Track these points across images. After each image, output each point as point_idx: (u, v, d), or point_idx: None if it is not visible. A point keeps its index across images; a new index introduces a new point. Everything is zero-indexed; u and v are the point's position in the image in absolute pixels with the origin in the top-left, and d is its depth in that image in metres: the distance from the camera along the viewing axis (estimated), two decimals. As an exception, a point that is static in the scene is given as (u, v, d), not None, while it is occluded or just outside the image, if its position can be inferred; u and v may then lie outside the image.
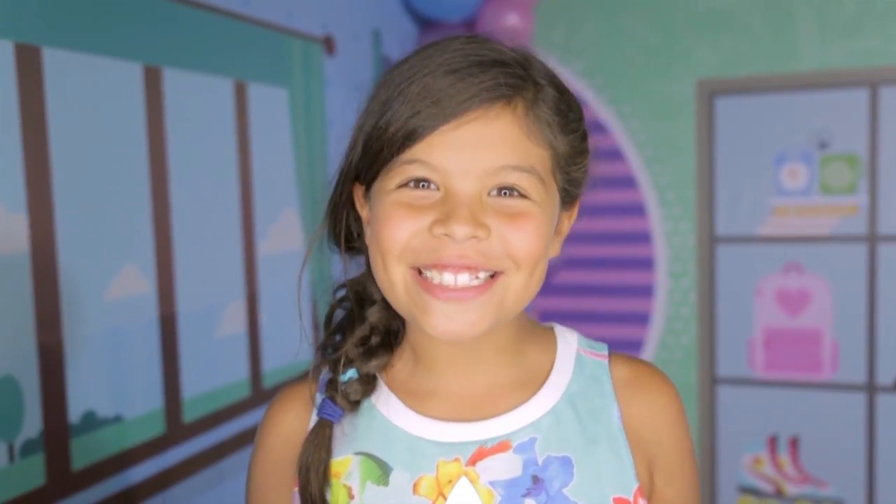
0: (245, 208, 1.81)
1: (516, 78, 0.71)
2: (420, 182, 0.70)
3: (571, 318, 3.04)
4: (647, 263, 2.95)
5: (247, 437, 1.77)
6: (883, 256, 2.68)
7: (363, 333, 0.80)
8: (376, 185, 0.74)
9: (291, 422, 0.81)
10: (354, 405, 0.78)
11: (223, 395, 1.71)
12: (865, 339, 2.71)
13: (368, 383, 0.79)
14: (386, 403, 0.78)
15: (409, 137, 0.69)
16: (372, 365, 0.79)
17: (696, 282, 2.89)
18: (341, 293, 0.83)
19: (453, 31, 2.68)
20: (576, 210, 0.81)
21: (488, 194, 0.70)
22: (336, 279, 0.83)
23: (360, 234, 0.80)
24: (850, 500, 2.76)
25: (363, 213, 0.79)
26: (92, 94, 1.40)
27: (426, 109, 0.69)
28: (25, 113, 1.27)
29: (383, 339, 0.81)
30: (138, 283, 1.49)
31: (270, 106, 1.92)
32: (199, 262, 1.65)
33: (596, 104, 2.95)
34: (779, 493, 2.84)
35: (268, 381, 1.86)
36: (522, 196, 0.71)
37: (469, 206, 0.69)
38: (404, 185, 0.71)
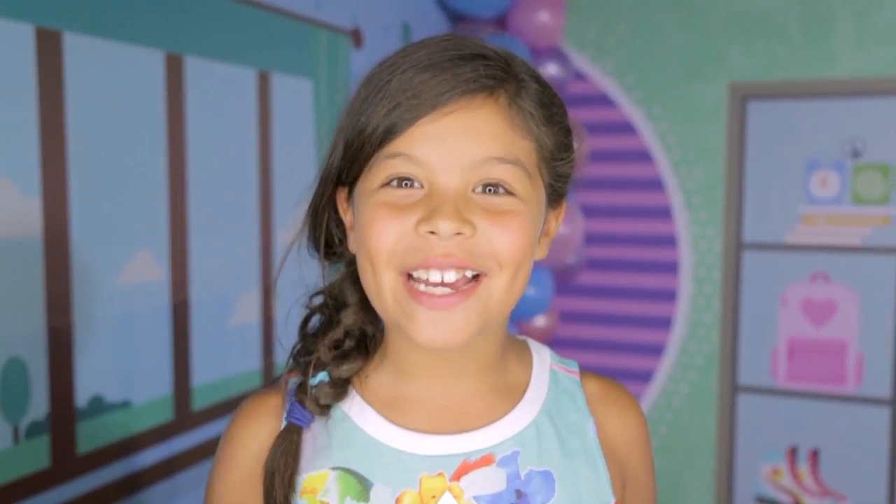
0: (264, 198, 1.81)
1: (498, 70, 0.70)
2: (403, 181, 0.69)
3: (594, 320, 3.02)
4: (671, 267, 2.91)
5: (257, 427, 1.77)
6: (914, 269, 2.62)
7: (337, 337, 0.77)
8: (359, 186, 0.72)
9: (260, 434, 0.76)
10: (324, 409, 0.75)
11: (234, 385, 1.72)
12: (892, 352, 2.66)
13: (339, 387, 0.76)
14: (362, 415, 0.75)
15: (391, 131, 0.68)
16: (344, 369, 0.76)
17: (720, 288, 2.85)
18: (318, 300, 0.80)
19: (485, 27, 2.67)
20: (563, 210, 0.79)
21: (473, 190, 0.69)
22: (318, 284, 0.81)
23: (342, 240, 0.78)
24: (869, 516, 2.71)
25: (346, 217, 0.77)
26: (112, 80, 1.41)
27: (406, 101, 0.68)
28: (44, 97, 1.28)
29: (358, 343, 0.78)
30: (152, 269, 1.50)
31: (294, 97, 1.92)
32: (214, 250, 1.66)
33: (626, 104, 2.92)
34: (797, 506, 2.80)
35: (280, 372, 1.86)
36: (508, 193, 0.69)
37: (454, 202, 0.67)
38: (387, 183, 0.69)
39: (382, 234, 0.69)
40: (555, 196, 0.76)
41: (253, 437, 0.77)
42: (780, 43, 2.72)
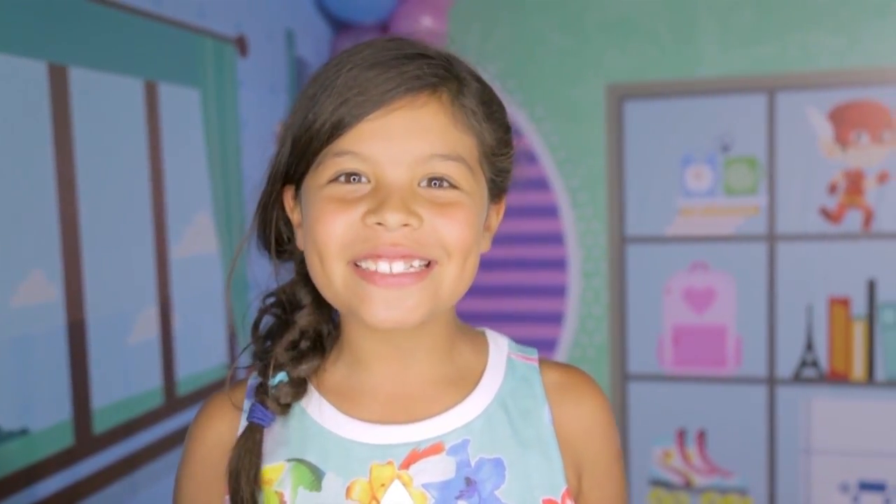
0: (157, 212, 1.76)
1: (440, 69, 0.73)
2: (351, 176, 0.71)
3: (486, 319, 3.07)
4: (560, 264, 3.00)
5: (161, 447, 1.72)
6: (781, 255, 2.80)
7: (293, 337, 0.79)
8: (307, 182, 0.74)
9: (221, 431, 0.79)
10: (285, 408, 0.77)
11: (135, 404, 1.66)
12: (766, 334, 2.84)
13: (299, 386, 0.78)
14: (317, 408, 0.77)
15: (337, 127, 0.70)
16: (302, 368, 0.78)
17: (607, 281, 2.96)
18: (270, 300, 0.81)
19: (368, 33, 2.68)
20: (503, 205, 0.82)
21: (419, 184, 0.71)
22: (258, 284, 0.82)
23: (290, 239, 0.79)
24: (753, 489, 2.88)
25: (293, 216, 0.78)
26: (-7, 93, 1.34)
27: (353, 98, 0.70)
28: (-79, 112, 1.20)
29: (313, 343, 0.80)
30: (45, 289, 1.43)
31: (182, 107, 1.87)
32: (109, 266, 1.60)
33: (509, 106, 2.98)
34: (687, 485, 2.94)
35: (182, 389, 1.81)
36: (453, 186, 0.72)
37: (401, 194, 0.69)
38: (335, 179, 0.71)
39: (330, 226, 0.70)
40: (495, 191, 0.79)
41: (214, 436, 0.79)
42: (651, 45, 2.86)
